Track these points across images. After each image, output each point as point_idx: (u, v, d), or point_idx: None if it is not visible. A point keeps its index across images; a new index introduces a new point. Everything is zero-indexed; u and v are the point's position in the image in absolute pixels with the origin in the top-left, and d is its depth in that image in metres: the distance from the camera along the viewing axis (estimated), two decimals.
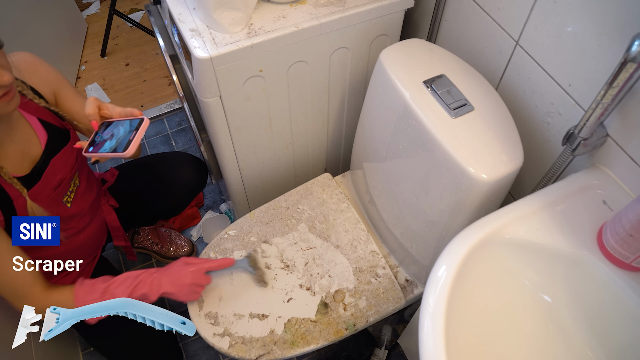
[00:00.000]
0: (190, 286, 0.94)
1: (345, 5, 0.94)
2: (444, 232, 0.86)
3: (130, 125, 0.81)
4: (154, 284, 0.92)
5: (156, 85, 2.06)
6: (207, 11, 0.86)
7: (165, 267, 0.96)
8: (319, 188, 1.19)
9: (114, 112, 0.85)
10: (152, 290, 0.92)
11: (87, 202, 1.03)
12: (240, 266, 1.03)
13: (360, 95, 1.17)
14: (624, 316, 0.64)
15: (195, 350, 1.40)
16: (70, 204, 0.97)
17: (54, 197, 0.92)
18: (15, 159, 0.86)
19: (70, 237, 1.01)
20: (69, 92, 0.98)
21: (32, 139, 0.89)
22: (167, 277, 0.94)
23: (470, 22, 0.92)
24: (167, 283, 0.93)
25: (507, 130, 0.79)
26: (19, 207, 0.84)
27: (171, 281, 0.93)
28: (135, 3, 2.41)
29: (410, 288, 1.06)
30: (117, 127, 0.83)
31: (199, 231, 1.61)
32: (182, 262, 0.96)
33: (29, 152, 0.89)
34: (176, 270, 0.95)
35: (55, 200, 0.92)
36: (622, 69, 0.57)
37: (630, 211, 0.59)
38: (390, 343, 1.34)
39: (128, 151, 0.77)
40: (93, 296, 0.89)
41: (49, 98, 0.94)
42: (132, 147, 0.77)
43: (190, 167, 1.30)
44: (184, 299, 0.97)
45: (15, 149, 0.86)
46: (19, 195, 0.84)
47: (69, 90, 0.98)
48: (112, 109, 0.86)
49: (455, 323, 0.61)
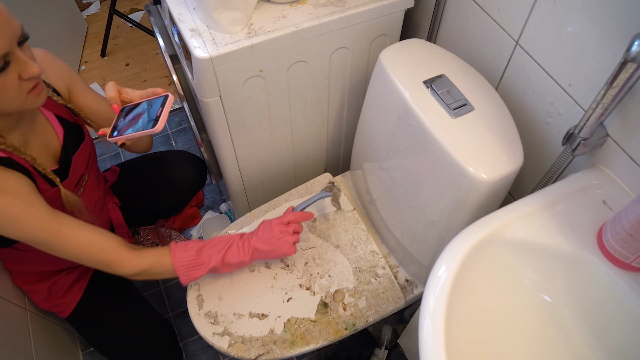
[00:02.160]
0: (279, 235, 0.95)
1: (345, 5, 0.94)
2: (444, 232, 0.86)
3: (154, 103, 0.81)
4: (245, 244, 0.95)
5: (156, 85, 2.06)
6: (207, 11, 0.86)
7: (253, 231, 0.99)
8: (319, 188, 1.19)
9: (134, 95, 0.86)
10: (246, 246, 0.95)
11: (94, 197, 1.04)
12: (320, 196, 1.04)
13: (360, 95, 1.17)
14: (624, 316, 0.64)
15: (195, 350, 1.40)
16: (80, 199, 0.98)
17: (75, 192, 0.93)
18: (39, 153, 0.87)
19: None
20: (82, 88, 0.98)
21: (51, 134, 0.91)
22: (257, 236, 0.96)
23: (470, 22, 0.92)
24: (258, 240, 0.95)
25: (507, 130, 0.79)
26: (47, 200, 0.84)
27: (261, 236, 0.96)
28: (135, 3, 2.41)
29: (410, 288, 1.06)
30: (141, 107, 0.83)
31: (199, 231, 1.61)
32: (263, 222, 0.99)
33: (49, 147, 0.90)
34: (261, 229, 0.97)
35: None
36: (622, 69, 0.57)
37: (630, 211, 0.59)
38: (390, 343, 1.34)
39: (158, 126, 0.76)
40: (189, 253, 0.92)
41: (63, 94, 0.94)
42: (161, 123, 0.77)
43: (189, 165, 1.30)
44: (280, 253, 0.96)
45: (38, 143, 0.87)
46: (47, 189, 0.85)
47: (82, 85, 0.98)
48: (131, 92, 0.86)
49: (455, 323, 0.61)
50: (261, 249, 0.95)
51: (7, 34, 0.67)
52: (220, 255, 0.93)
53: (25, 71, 0.71)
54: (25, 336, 1.10)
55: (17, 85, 0.71)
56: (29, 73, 0.71)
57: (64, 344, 1.30)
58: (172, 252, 0.92)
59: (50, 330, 1.23)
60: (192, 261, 0.92)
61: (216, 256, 0.93)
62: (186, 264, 0.92)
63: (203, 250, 0.93)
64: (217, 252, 0.93)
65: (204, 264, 0.93)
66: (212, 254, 0.93)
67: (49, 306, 1.07)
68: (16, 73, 0.70)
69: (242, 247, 0.95)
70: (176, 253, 0.92)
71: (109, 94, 0.84)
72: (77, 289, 1.08)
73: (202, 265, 0.93)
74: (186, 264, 0.92)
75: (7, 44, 0.67)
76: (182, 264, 0.91)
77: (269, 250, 0.95)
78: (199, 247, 0.93)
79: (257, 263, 1.06)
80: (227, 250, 0.94)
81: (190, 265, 0.92)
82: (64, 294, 1.06)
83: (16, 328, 1.07)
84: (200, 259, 0.92)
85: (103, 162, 1.83)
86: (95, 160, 1.06)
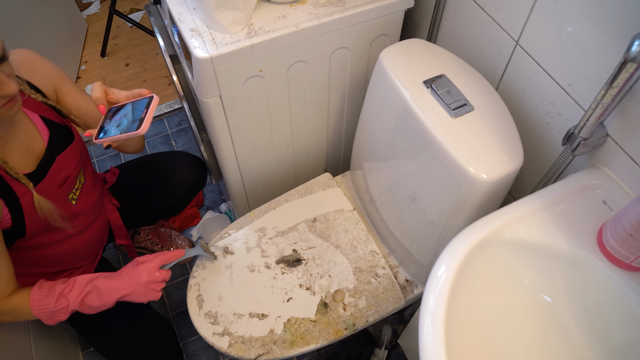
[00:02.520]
0: (147, 284, 0.92)
1: (345, 5, 0.94)
2: (444, 232, 0.86)
3: (140, 104, 0.81)
4: (109, 288, 0.91)
5: (156, 85, 2.06)
6: (207, 11, 0.86)
7: (119, 271, 0.94)
8: (319, 188, 1.19)
9: (120, 96, 0.85)
10: (108, 295, 0.91)
11: (91, 200, 1.04)
12: (194, 253, 1.03)
13: (360, 95, 1.17)
14: (624, 316, 0.64)
15: (195, 350, 1.40)
16: (76, 202, 0.97)
17: (59, 194, 0.92)
18: (19, 156, 0.86)
19: (75, 235, 1.01)
20: (70, 88, 0.97)
21: (34, 135, 0.90)
22: (122, 280, 0.92)
23: (470, 22, 0.92)
24: (122, 285, 0.91)
25: (507, 130, 0.79)
26: (25, 204, 0.84)
27: (126, 283, 0.92)
28: (135, 3, 2.41)
29: (410, 288, 1.06)
30: (126, 109, 0.82)
31: (199, 231, 1.61)
32: (134, 262, 0.95)
33: (32, 149, 0.89)
34: (129, 271, 0.93)
35: (60, 197, 0.93)
36: (622, 69, 0.57)
37: (630, 211, 0.59)
38: (390, 343, 1.34)
39: (142, 129, 0.76)
40: (48, 301, 0.87)
41: (50, 94, 0.94)
42: (145, 125, 0.76)
43: (189, 166, 1.30)
44: (143, 299, 0.94)
45: (19, 146, 0.86)
46: (25, 192, 0.84)
47: (69, 85, 0.98)
48: (118, 93, 0.85)
49: (455, 323, 0.61)
50: (125, 294, 0.92)
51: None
52: (79, 300, 0.89)
53: (1, 90, 0.71)
54: (25, 336, 1.10)
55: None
56: (5, 92, 0.72)
57: (64, 344, 1.30)
58: (30, 298, 0.88)
59: (50, 330, 1.23)
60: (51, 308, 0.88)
61: (74, 300, 0.89)
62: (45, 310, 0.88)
63: (62, 295, 0.89)
64: (74, 296, 0.89)
65: (63, 309, 0.89)
66: (71, 297, 0.89)
67: None
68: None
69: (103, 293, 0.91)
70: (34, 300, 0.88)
71: (95, 94, 0.83)
72: None
73: (63, 310, 0.89)
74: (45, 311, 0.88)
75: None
76: (41, 310, 0.88)
77: (131, 293, 0.92)
78: (59, 292, 0.89)
79: (257, 263, 1.06)
80: (86, 295, 0.90)
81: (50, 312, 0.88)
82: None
83: (16, 328, 1.07)
84: (59, 305, 0.88)
85: (103, 162, 1.83)
86: (89, 162, 1.05)
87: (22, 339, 1.08)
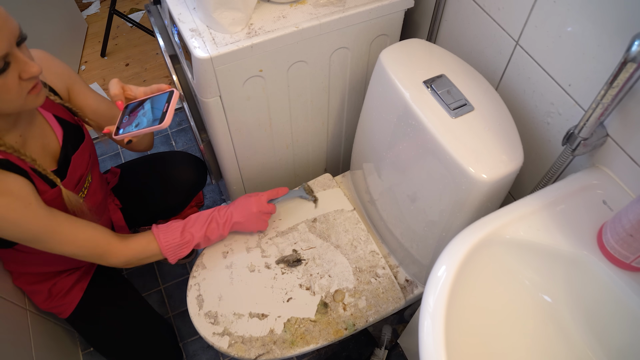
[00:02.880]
0: (257, 214, 1.03)
1: (345, 5, 0.94)
2: (444, 232, 0.86)
3: (160, 100, 0.81)
4: (226, 215, 1.02)
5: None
6: (207, 11, 0.86)
7: (233, 202, 1.05)
8: (319, 188, 1.19)
9: (138, 92, 0.86)
10: (226, 222, 1.02)
11: (97, 199, 1.04)
12: (297, 194, 1.15)
13: (360, 95, 1.17)
14: (624, 316, 0.64)
15: (195, 350, 1.40)
16: (83, 200, 0.98)
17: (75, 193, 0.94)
18: (38, 154, 0.87)
19: None
20: (82, 88, 0.98)
21: (49, 134, 0.91)
22: (236, 209, 1.03)
23: (470, 22, 0.92)
24: (237, 213, 1.03)
25: (507, 130, 0.79)
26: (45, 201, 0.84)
27: (240, 211, 1.03)
28: (135, 3, 2.41)
29: (410, 288, 1.06)
30: (146, 104, 0.82)
31: None
32: (245, 195, 1.06)
33: (48, 148, 0.90)
34: (242, 202, 1.04)
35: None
36: (622, 69, 0.57)
37: (630, 211, 0.59)
38: (390, 343, 1.34)
39: (164, 122, 0.76)
40: (174, 235, 0.97)
41: (62, 94, 0.94)
42: (168, 118, 0.77)
43: (189, 165, 1.30)
44: (254, 228, 1.06)
45: (36, 144, 0.87)
46: (45, 190, 0.85)
47: (81, 85, 0.98)
48: (135, 89, 0.86)
49: (455, 323, 0.61)
50: (238, 221, 1.03)
51: (7, 35, 0.67)
52: (202, 232, 0.99)
53: (25, 71, 0.71)
54: (25, 336, 1.10)
55: (17, 86, 0.71)
56: (29, 73, 0.71)
57: (64, 344, 1.30)
58: (156, 236, 0.97)
59: (50, 330, 1.23)
60: (177, 242, 0.97)
61: (198, 233, 0.99)
62: (171, 245, 0.97)
63: (185, 229, 0.99)
64: (198, 229, 0.99)
65: (188, 242, 0.99)
66: (194, 231, 0.99)
67: (49, 307, 1.07)
68: (16, 73, 0.70)
69: (220, 223, 1.02)
70: (160, 237, 0.97)
71: (113, 90, 0.83)
72: (77, 290, 1.08)
73: (187, 243, 0.99)
74: (172, 246, 0.97)
75: (7, 45, 0.67)
76: (168, 246, 0.97)
77: (244, 222, 1.03)
78: (181, 227, 0.99)
79: (258, 263, 1.06)
80: (208, 226, 1.00)
81: (176, 246, 0.98)
82: (64, 295, 1.06)
83: (16, 328, 1.07)
84: (184, 239, 0.98)
85: (103, 162, 1.83)
86: (97, 162, 1.06)
87: (22, 339, 1.08)
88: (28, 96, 0.74)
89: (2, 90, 0.70)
